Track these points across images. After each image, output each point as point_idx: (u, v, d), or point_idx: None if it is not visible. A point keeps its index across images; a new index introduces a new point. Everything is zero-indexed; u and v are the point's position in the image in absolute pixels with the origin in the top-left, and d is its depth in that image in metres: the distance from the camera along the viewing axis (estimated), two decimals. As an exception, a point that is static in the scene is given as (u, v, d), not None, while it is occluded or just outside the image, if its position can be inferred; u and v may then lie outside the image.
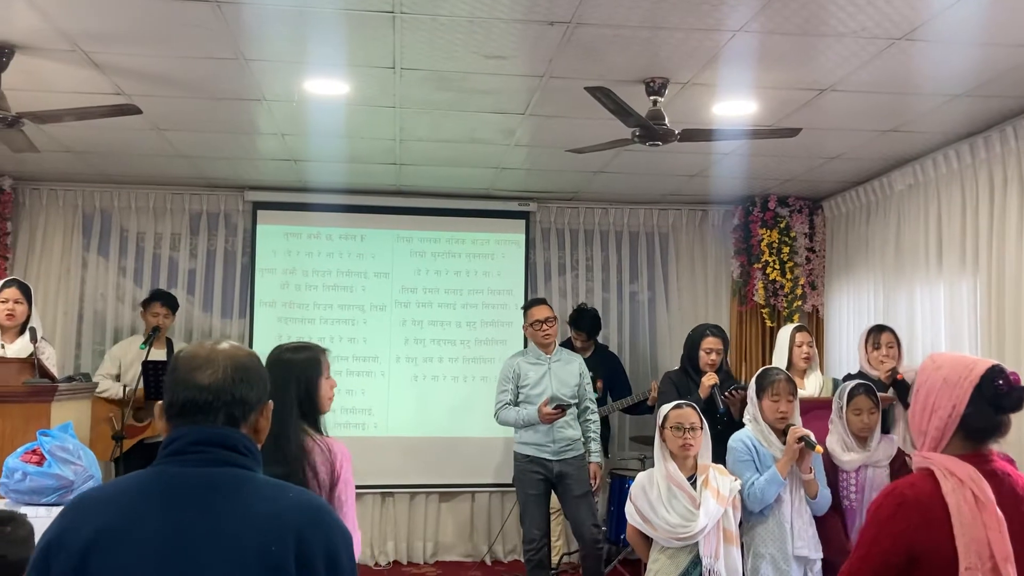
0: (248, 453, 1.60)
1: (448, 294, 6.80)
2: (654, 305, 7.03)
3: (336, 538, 1.56)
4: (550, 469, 5.08)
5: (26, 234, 6.44)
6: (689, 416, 3.70)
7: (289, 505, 1.56)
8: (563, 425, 5.06)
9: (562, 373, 5.19)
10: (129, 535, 1.48)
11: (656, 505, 3.64)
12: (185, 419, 1.59)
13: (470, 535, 6.76)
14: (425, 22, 3.48)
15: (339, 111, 4.65)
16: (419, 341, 6.76)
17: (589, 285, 6.97)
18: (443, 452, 6.66)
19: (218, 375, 1.59)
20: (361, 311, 6.73)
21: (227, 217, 6.69)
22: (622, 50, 3.73)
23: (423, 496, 6.71)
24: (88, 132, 4.90)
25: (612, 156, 5.35)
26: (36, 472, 3.58)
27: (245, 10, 3.38)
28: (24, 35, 3.63)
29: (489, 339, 6.79)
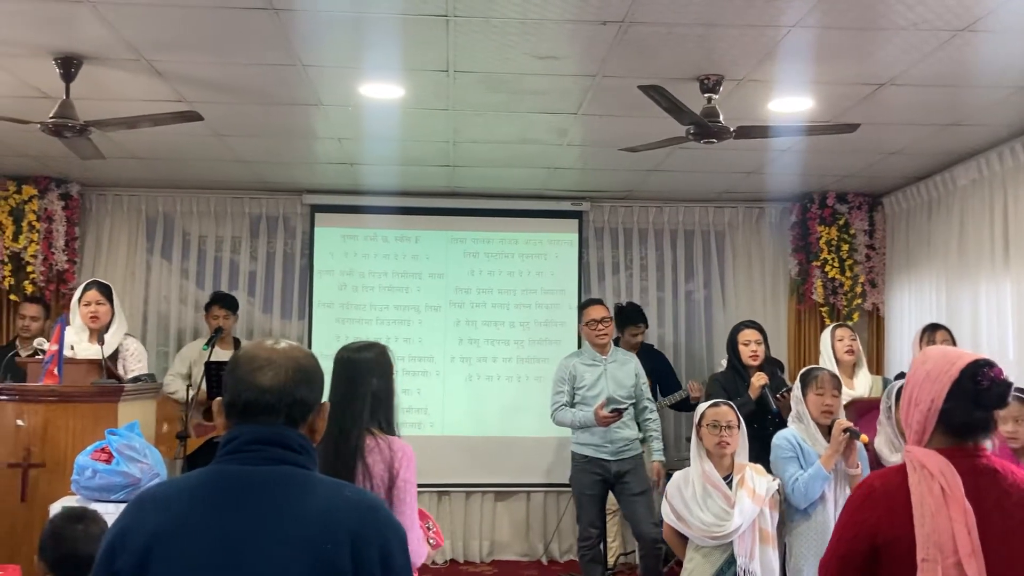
0: (304, 451, 1.62)
1: (501, 294, 6.83)
2: (710, 304, 6.96)
3: (390, 536, 1.58)
4: (608, 469, 5.09)
5: (93, 238, 6.64)
6: (726, 414, 3.69)
7: (344, 503, 1.58)
8: (620, 426, 5.06)
9: (618, 374, 5.18)
10: (188, 532, 1.52)
11: (691, 504, 3.63)
12: (246, 419, 1.62)
13: (526, 534, 6.78)
14: (478, 25, 3.51)
15: (394, 114, 4.71)
16: (473, 341, 6.80)
17: (643, 284, 6.94)
18: (498, 451, 6.69)
19: (279, 377, 1.61)
20: (416, 312, 6.79)
21: (286, 220, 6.81)
22: (675, 48, 3.71)
23: (479, 495, 6.75)
24: (152, 139, 5.04)
25: (666, 154, 5.33)
26: (105, 470, 3.69)
27: (302, 17, 3.45)
28: (92, 46, 3.75)
29: (542, 339, 6.80)
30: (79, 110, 3.99)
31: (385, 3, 3.33)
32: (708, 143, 4.10)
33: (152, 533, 1.52)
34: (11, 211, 6.14)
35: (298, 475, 1.59)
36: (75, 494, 3.77)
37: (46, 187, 6.24)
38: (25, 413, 4.14)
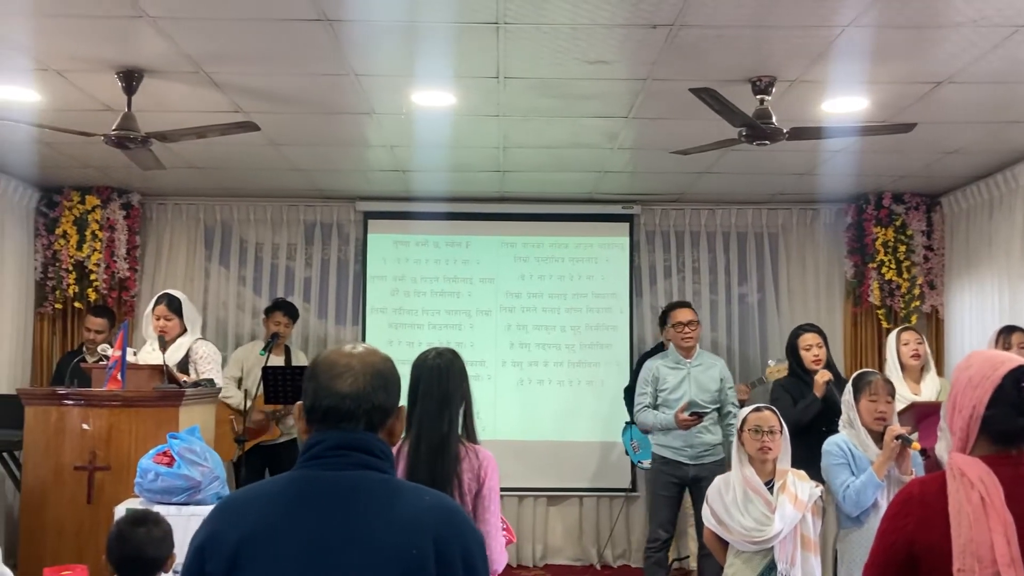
0: (384, 456, 1.65)
1: (552, 299, 6.84)
2: (764, 307, 6.89)
3: (471, 541, 1.60)
4: (686, 473, 5.09)
5: (153, 247, 6.81)
6: (768, 419, 3.65)
7: (427, 508, 1.60)
8: (701, 430, 5.06)
9: (702, 378, 5.16)
10: (275, 537, 1.54)
11: (731, 508, 3.60)
12: (327, 424, 1.64)
13: (579, 539, 6.78)
14: (528, 31, 3.53)
15: (445, 121, 4.75)
16: (524, 346, 6.82)
17: (696, 288, 6.89)
18: (550, 456, 6.70)
19: (358, 383, 1.63)
20: (468, 316, 6.83)
21: (340, 227, 6.91)
22: (727, 50, 3.69)
23: (531, 499, 6.76)
24: (210, 149, 5.15)
25: (718, 156, 5.29)
26: (167, 473, 3.79)
27: (355, 27, 3.51)
28: (152, 60, 3.85)
29: (594, 343, 6.79)
30: (140, 122, 4.10)
31: (436, 12, 3.37)
32: (761, 145, 4.07)
33: (241, 537, 1.54)
34: (75, 221, 6.33)
35: (380, 480, 1.61)
36: (138, 496, 3.88)
37: (108, 197, 6.42)
38: (90, 417, 4.27)
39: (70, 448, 4.26)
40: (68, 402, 4.31)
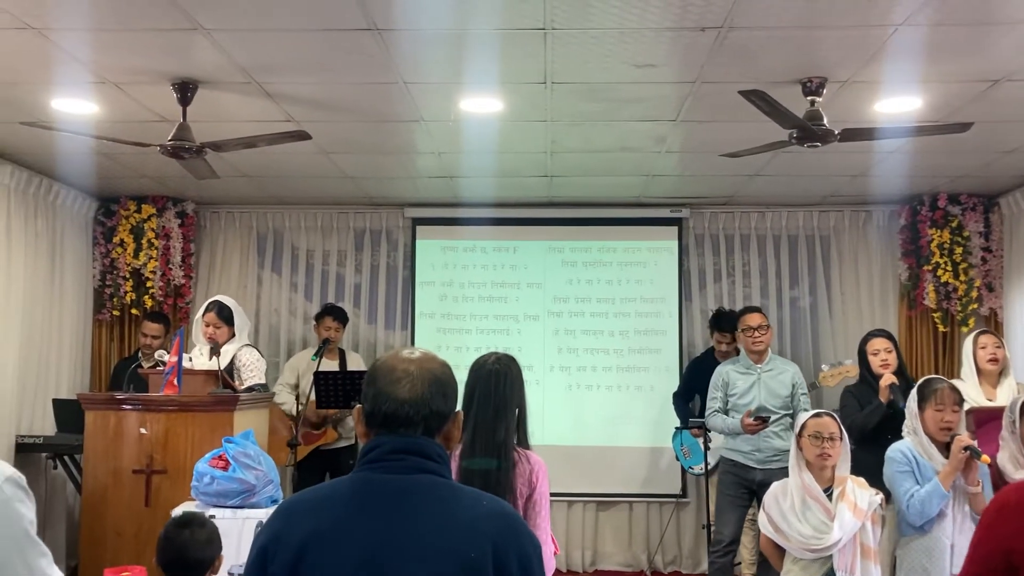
0: (441, 461, 1.66)
1: (600, 303, 6.82)
2: (816, 311, 6.79)
3: (528, 547, 1.60)
4: (752, 477, 5.06)
5: (207, 254, 6.94)
6: (828, 425, 3.59)
7: (485, 513, 1.61)
8: (770, 435, 5.02)
9: (772, 383, 5.12)
10: (336, 539, 1.57)
11: (788, 515, 3.55)
12: (386, 429, 1.66)
13: (628, 544, 6.74)
14: (576, 36, 3.53)
15: (492, 127, 4.77)
16: (572, 351, 6.81)
17: (746, 291, 6.82)
18: (599, 461, 6.68)
19: (416, 389, 1.65)
20: (515, 321, 6.85)
21: (388, 233, 6.97)
22: (776, 51, 3.66)
23: (581, 504, 6.74)
24: (262, 158, 5.24)
25: (768, 158, 5.23)
26: (222, 476, 3.85)
27: (404, 36, 3.54)
28: (206, 71, 3.93)
29: (643, 348, 6.76)
30: (195, 132, 4.18)
31: (484, 19, 3.39)
32: (812, 147, 4.02)
33: (304, 539, 1.57)
34: (132, 229, 6.47)
35: (438, 484, 1.63)
36: (194, 499, 3.94)
37: (163, 206, 6.55)
38: (148, 422, 4.36)
39: (128, 452, 4.35)
40: (126, 407, 4.40)
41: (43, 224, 5.92)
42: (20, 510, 1.40)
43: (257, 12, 3.33)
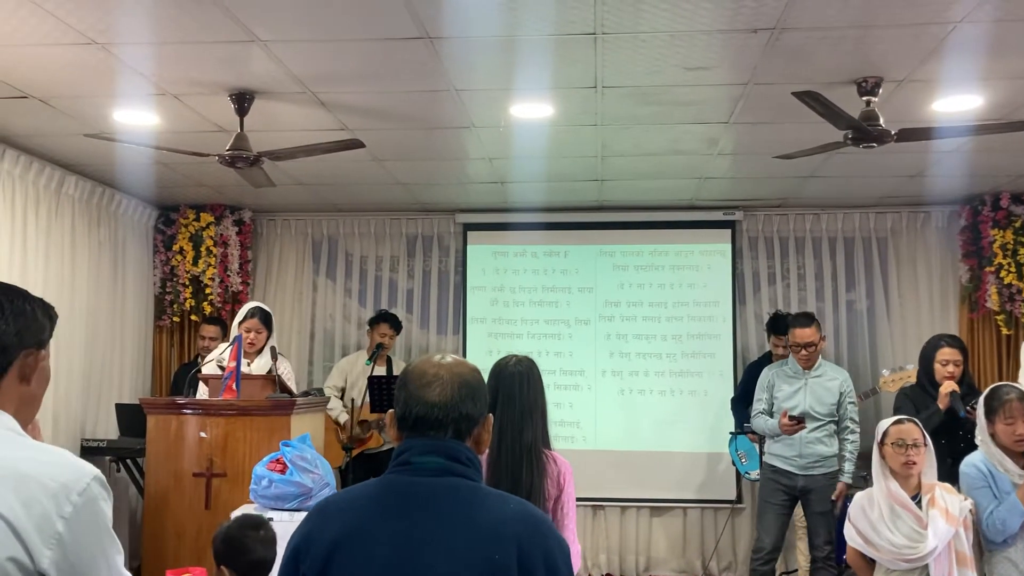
0: (470, 464, 1.69)
1: (652, 307, 6.79)
2: (873, 314, 6.67)
3: (554, 549, 1.61)
4: (795, 483, 5.00)
5: (264, 261, 7.08)
6: (911, 432, 3.49)
7: (510, 515, 1.62)
8: (814, 440, 4.96)
9: (819, 389, 5.04)
10: (364, 540, 1.60)
11: (878, 525, 3.45)
12: (417, 432, 1.69)
13: (683, 550, 6.69)
14: (626, 40, 3.53)
15: (543, 132, 4.79)
16: (624, 355, 6.78)
17: (801, 295, 6.73)
18: (652, 466, 6.64)
19: (446, 393, 1.68)
20: (567, 326, 6.84)
21: (440, 239, 7.03)
22: (830, 52, 3.61)
23: (634, 510, 6.71)
24: (316, 166, 5.32)
25: (823, 160, 5.16)
26: (280, 480, 3.90)
27: (455, 44, 3.57)
28: (262, 82, 4.01)
29: (696, 352, 6.70)
30: (251, 141, 4.27)
31: (534, 25, 3.40)
32: (868, 147, 3.96)
33: (334, 539, 1.61)
34: (191, 237, 6.62)
35: (466, 486, 1.66)
36: (253, 502, 4.01)
37: (221, 214, 6.69)
38: (208, 426, 4.44)
39: (189, 455, 4.44)
40: (187, 411, 4.49)
41: (106, 233, 6.09)
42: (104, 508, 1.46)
43: (312, 23, 3.39)
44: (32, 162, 5.21)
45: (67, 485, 1.42)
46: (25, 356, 1.54)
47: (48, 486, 1.40)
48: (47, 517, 1.39)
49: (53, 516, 1.39)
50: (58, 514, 1.40)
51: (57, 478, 1.42)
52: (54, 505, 1.40)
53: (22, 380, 1.54)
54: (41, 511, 1.39)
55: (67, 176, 5.57)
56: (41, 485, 1.40)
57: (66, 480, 1.42)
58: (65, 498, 1.41)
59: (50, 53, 3.67)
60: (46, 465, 1.44)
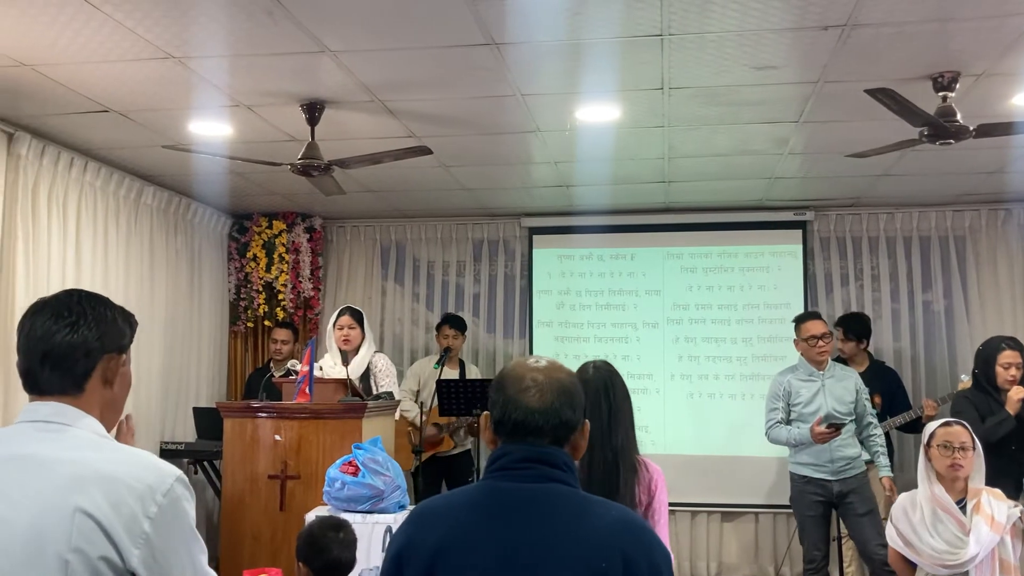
0: (569, 470, 1.66)
1: (722, 310, 6.71)
2: (951, 315, 6.48)
3: (658, 557, 1.59)
4: (829, 490, 4.89)
5: (335, 267, 7.20)
6: (959, 435, 3.40)
7: (614, 523, 1.60)
8: (841, 444, 4.84)
9: (837, 389, 4.94)
10: (466, 546, 1.59)
11: (919, 529, 3.37)
12: (515, 437, 1.67)
13: (755, 556, 6.59)
14: (693, 40, 3.50)
15: (609, 135, 4.77)
16: (693, 358, 6.71)
17: (876, 296, 6.58)
18: (723, 471, 6.56)
19: (546, 399, 1.66)
20: (634, 329, 6.80)
21: (506, 243, 7.06)
22: (904, 47, 3.53)
23: (704, 515, 6.63)
24: (385, 173, 5.40)
25: (897, 158, 5.04)
26: (352, 482, 3.96)
27: (521, 49, 3.59)
28: (332, 91, 4.09)
29: (767, 355, 6.60)
30: (322, 150, 4.35)
31: (600, 28, 3.40)
32: (944, 144, 3.86)
33: (436, 545, 1.60)
34: (264, 244, 6.78)
35: (566, 493, 1.63)
36: (326, 504, 4.08)
37: (293, 222, 6.83)
38: (282, 429, 4.52)
39: (264, 458, 4.52)
40: (262, 415, 4.58)
41: (183, 241, 6.27)
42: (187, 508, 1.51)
43: (380, 33, 3.44)
44: (112, 173, 5.40)
45: (152, 486, 1.47)
46: (107, 361, 1.59)
47: (134, 487, 1.46)
48: (134, 518, 1.44)
49: (140, 516, 1.44)
50: (144, 514, 1.45)
51: (142, 480, 1.47)
52: (140, 506, 1.45)
53: (105, 384, 1.60)
54: (129, 512, 1.44)
55: (146, 186, 5.75)
56: (128, 487, 1.45)
57: (151, 482, 1.47)
58: (151, 499, 1.46)
59: (129, 68, 3.80)
60: (131, 467, 1.49)
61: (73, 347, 1.55)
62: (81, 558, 1.41)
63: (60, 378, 1.55)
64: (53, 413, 1.54)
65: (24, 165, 4.66)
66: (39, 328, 1.56)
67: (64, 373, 1.55)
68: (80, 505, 1.42)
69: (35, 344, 1.56)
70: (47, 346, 1.55)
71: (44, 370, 1.55)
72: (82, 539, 1.41)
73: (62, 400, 1.55)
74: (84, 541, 1.41)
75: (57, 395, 1.56)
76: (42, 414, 1.54)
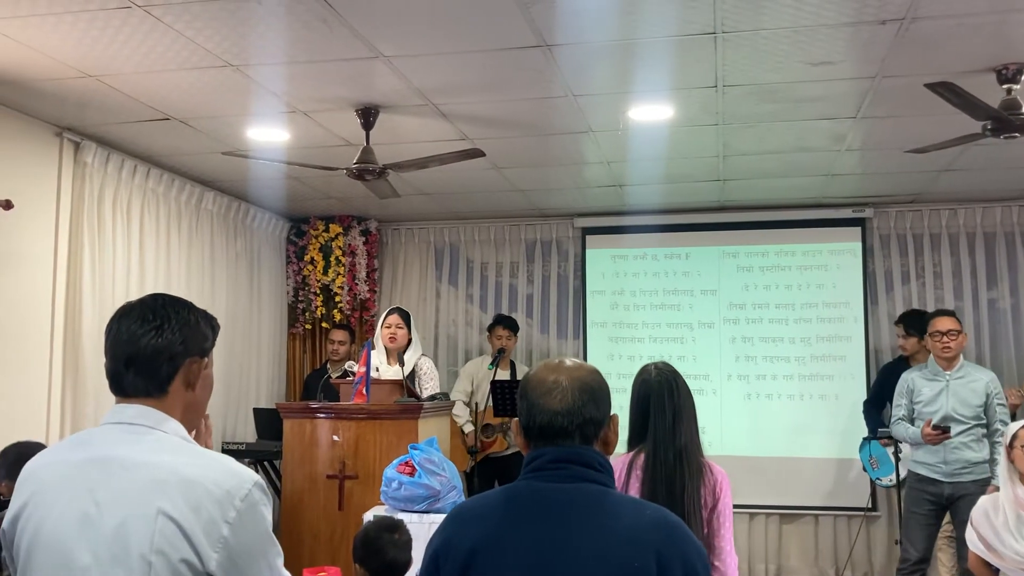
0: (602, 469, 1.67)
1: (779, 309, 6.62)
2: (1018, 313, 6.30)
3: (692, 556, 1.58)
4: (941, 491, 4.79)
5: (390, 269, 7.28)
6: None
7: (647, 522, 1.60)
8: (960, 446, 4.73)
9: (963, 391, 4.81)
10: (502, 546, 1.61)
11: (1002, 532, 3.29)
12: (544, 440, 1.69)
13: (815, 559, 6.49)
14: (747, 37, 3.47)
15: (662, 134, 4.74)
16: (750, 359, 6.64)
17: (938, 294, 6.43)
18: (782, 472, 6.47)
19: (567, 399, 1.68)
20: (689, 329, 6.74)
21: (559, 244, 7.06)
22: (966, 40, 3.44)
23: (763, 516, 6.55)
24: (438, 175, 5.44)
25: (959, 153, 4.92)
26: (409, 482, 4.00)
27: (573, 50, 3.59)
28: (386, 96, 4.13)
29: (826, 355, 6.49)
30: (377, 154, 4.40)
31: (652, 28, 3.38)
32: (1009, 138, 3.75)
33: (472, 544, 1.63)
34: (321, 248, 6.88)
35: (600, 493, 1.65)
36: (383, 504, 4.13)
37: (349, 225, 6.92)
38: (340, 429, 4.59)
39: (322, 458, 4.60)
40: (320, 415, 4.66)
41: (242, 245, 6.39)
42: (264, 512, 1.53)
43: (433, 37, 3.47)
44: (174, 179, 5.53)
45: (231, 491, 1.49)
46: (190, 364, 1.62)
47: (213, 492, 1.48)
48: (214, 522, 1.46)
49: (219, 521, 1.47)
50: (223, 519, 1.47)
51: (221, 484, 1.49)
52: (219, 510, 1.47)
53: (187, 387, 1.62)
54: (208, 516, 1.46)
55: (206, 192, 5.88)
56: (207, 491, 1.48)
57: (230, 487, 1.50)
58: (229, 504, 1.48)
59: (189, 76, 3.90)
60: (211, 472, 1.51)
61: (157, 351, 1.58)
62: (163, 560, 1.44)
63: (144, 381, 1.58)
64: (138, 415, 1.57)
65: (90, 173, 4.81)
66: (125, 332, 1.59)
67: (148, 376, 1.58)
68: (162, 508, 1.45)
69: (121, 347, 1.58)
70: (132, 349, 1.57)
71: (129, 373, 1.58)
72: (164, 541, 1.44)
73: (146, 402, 1.58)
74: (166, 543, 1.44)
75: (142, 397, 1.58)
76: (127, 416, 1.57)
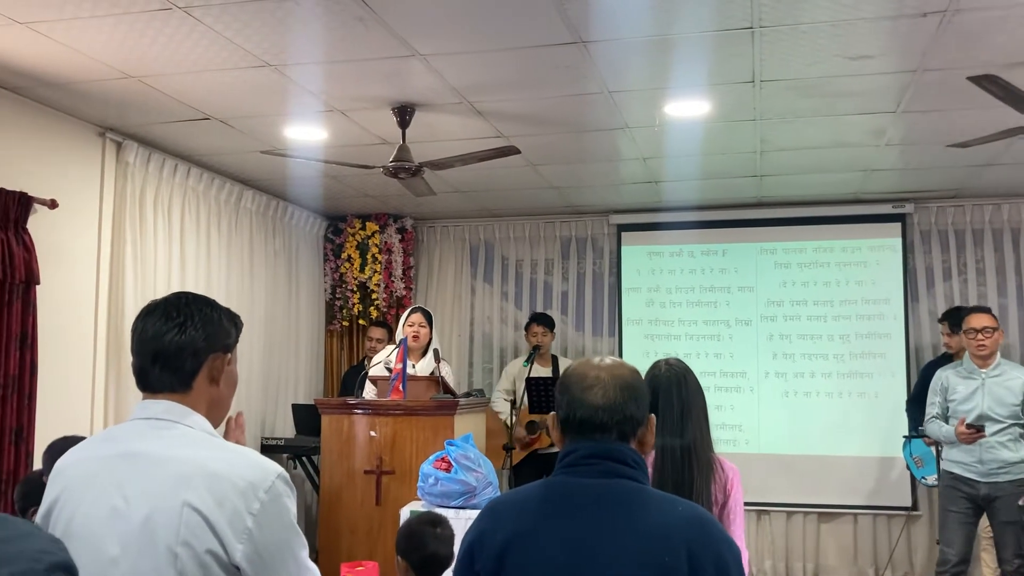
0: (636, 466, 1.68)
1: (817, 306, 6.55)
2: (1064, 310, 6.19)
3: (725, 553, 1.59)
4: (977, 491, 4.70)
5: (425, 266, 7.32)
6: None
7: (679, 518, 1.61)
8: (996, 445, 4.63)
9: (998, 389, 4.70)
10: (535, 540, 1.62)
11: None
12: (581, 435, 1.70)
13: (854, 558, 6.42)
14: (785, 32, 3.44)
15: (698, 130, 4.72)
16: (788, 356, 6.58)
17: (981, 290, 6.32)
18: (820, 471, 6.41)
19: (609, 396, 1.69)
20: (726, 326, 6.70)
21: (594, 241, 7.05)
22: (1010, 32, 3.38)
23: (800, 515, 6.49)
24: (473, 173, 5.45)
25: (1003, 147, 4.84)
26: (445, 478, 4.03)
27: (609, 46, 3.58)
28: (422, 94, 4.16)
29: (866, 352, 6.42)
30: (413, 152, 4.43)
31: (689, 23, 3.37)
32: (1055, 131, 3.69)
33: (506, 539, 1.65)
34: (357, 246, 6.93)
35: (634, 489, 1.65)
36: (420, 499, 4.15)
37: (385, 223, 6.97)
38: (377, 425, 4.64)
39: (360, 453, 4.64)
40: (358, 411, 4.70)
41: (280, 243, 6.47)
42: (288, 504, 1.56)
43: (468, 36, 3.49)
44: (214, 178, 5.61)
45: (254, 483, 1.52)
46: (213, 360, 1.66)
47: (237, 484, 1.51)
48: (238, 513, 1.50)
49: (243, 512, 1.50)
50: (247, 510, 1.50)
51: (245, 477, 1.53)
52: (243, 502, 1.50)
53: (211, 382, 1.66)
54: (232, 508, 1.50)
55: (244, 191, 5.95)
56: (231, 483, 1.51)
57: (253, 479, 1.53)
58: (253, 495, 1.51)
59: (228, 77, 3.95)
60: (235, 464, 1.54)
61: (181, 347, 1.62)
62: (189, 551, 1.47)
63: (170, 377, 1.62)
64: (164, 410, 1.61)
65: (131, 172, 4.89)
66: (150, 329, 1.64)
67: (173, 371, 1.62)
68: (188, 500, 1.49)
69: (147, 344, 1.63)
70: (158, 346, 1.62)
71: (155, 369, 1.63)
72: (190, 533, 1.48)
73: (171, 398, 1.63)
74: (191, 535, 1.48)
75: (167, 393, 1.63)
76: (154, 411, 1.62)
